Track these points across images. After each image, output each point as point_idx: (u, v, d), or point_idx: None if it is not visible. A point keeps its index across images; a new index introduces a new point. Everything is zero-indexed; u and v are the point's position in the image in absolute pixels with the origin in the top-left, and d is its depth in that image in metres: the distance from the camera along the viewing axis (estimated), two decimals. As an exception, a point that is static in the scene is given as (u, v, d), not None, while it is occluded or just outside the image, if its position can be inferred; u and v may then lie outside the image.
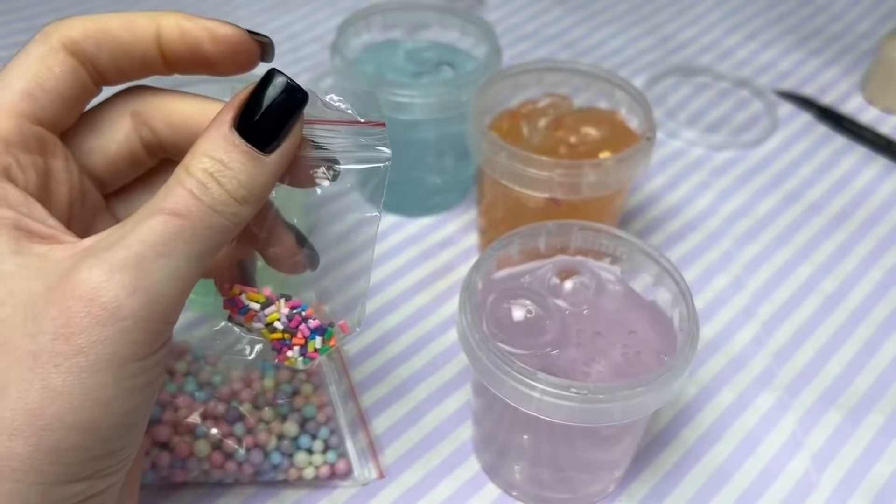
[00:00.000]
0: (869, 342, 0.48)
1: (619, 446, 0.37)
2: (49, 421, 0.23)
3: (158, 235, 0.25)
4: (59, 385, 0.23)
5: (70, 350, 0.23)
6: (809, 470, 0.42)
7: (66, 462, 0.24)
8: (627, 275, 0.39)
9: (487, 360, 0.34)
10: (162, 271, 0.24)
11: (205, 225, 0.25)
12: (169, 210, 0.25)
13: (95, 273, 0.24)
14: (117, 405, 0.24)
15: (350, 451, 0.40)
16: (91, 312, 0.23)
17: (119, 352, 0.24)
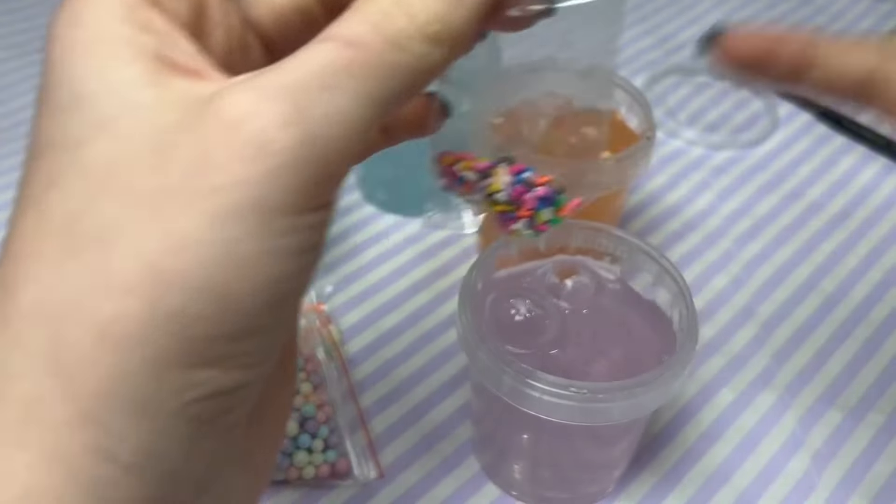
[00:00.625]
0: (869, 342, 0.48)
1: (618, 446, 0.37)
2: (171, 277, 0.18)
3: (324, 65, 0.19)
4: (188, 232, 0.18)
5: (205, 188, 0.18)
6: (809, 469, 0.42)
7: (190, 336, 0.18)
8: (627, 274, 0.39)
9: (487, 359, 0.34)
10: (325, 107, 0.19)
11: (383, 61, 0.20)
12: (341, 38, 0.20)
13: (241, 98, 0.19)
14: (260, 268, 0.18)
15: (349, 450, 0.40)
16: (232, 144, 0.18)
17: (266, 198, 0.18)
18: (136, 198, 0.18)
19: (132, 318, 0.18)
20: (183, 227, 0.18)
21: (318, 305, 0.45)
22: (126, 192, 0.18)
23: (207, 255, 0.18)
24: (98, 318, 0.18)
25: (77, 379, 0.18)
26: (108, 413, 0.18)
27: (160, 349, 0.18)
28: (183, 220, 0.18)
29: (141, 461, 0.18)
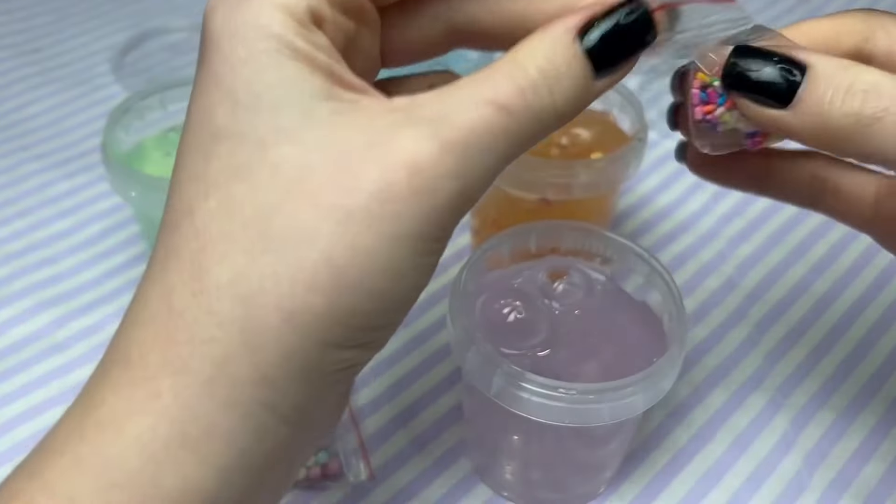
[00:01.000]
0: (861, 342, 0.48)
1: (609, 446, 0.37)
2: (351, 282, 0.22)
3: (486, 127, 0.23)
4: (368, 246, 0.22)
5: (386, 213, 0.22)
6: (801, 470, 0.42)
7: (353, 326, 0.23)
8: (618, 276, 0.39)
9: (477, 360, 0.34)
10: (482, 166, 0.23)
11: (525, 129, 0.24)
12: (499, 103, 0.23)
13: (425, 146, 0.22)
14: (409, 278, 0.24)
15: (341, 451, 0.40)
16: (412, 184, 0.22)
17: (425, 229, 0.23)
18: (327, 210, 0.22)
19: (315, 310, 0.22)
20: (366, 241, 0.22)
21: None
22: (316, 202, 0.22)
23: (379, 266, 0.23)
24: (287, 305, 0.22)
25: (262, 349, 0.22)
26: (282, 378, 0.23)
27: (330, 335, 0.23)
28: (367, 235, 0.22)
29: (294, 414, 0.24)
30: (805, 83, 0.26)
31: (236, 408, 0.23)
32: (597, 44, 0.24)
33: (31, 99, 0.63)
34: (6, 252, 0.51)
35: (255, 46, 0.23)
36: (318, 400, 0.25)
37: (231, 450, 0.23)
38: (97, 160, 0.57)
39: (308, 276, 0.22)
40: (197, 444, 0.23)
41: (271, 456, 0.24)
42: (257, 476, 0.24)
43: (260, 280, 0.22)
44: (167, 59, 0.66)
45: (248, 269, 0.22)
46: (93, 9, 0.73)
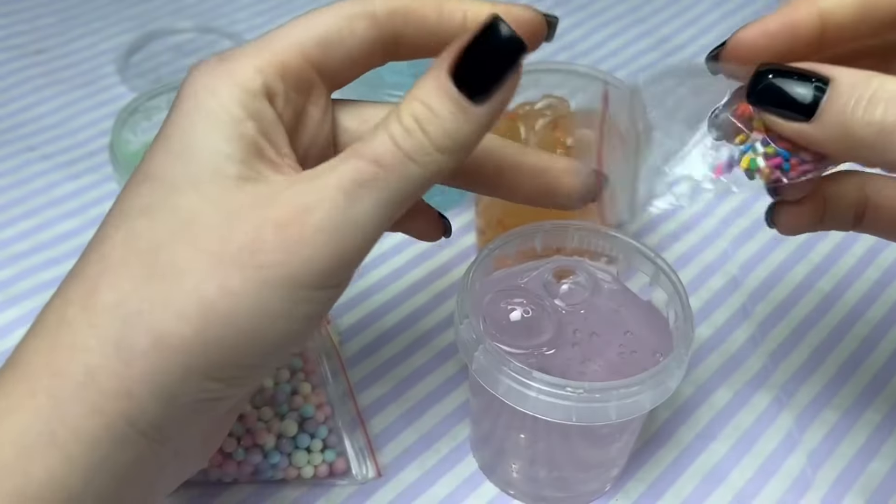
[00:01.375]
0: (865, 341, 0.48)
1: (615, 445, 0.38)
2: (218, 315, 0.25)
3: (356, 181, 0.26)
4: (236, 287, 0.25)
5: (253, 263, 0.25)
6: (805, 468, 0.42)
7: (220, 358, 0.26)
8: (623, 275, 0.40)
9: (484, 359, 0.34)
10: (355, 216, 0.26)
11: (399, 174, 0.26)
12: (367, 156, 0.26)
13: (294, 204, 0.26)
14: (280, 322, 0.26)
15: (348, 449, 0.40)
16: (280, 238, 0.25)
17: (296, 277, 0.25)
18: (204, 253, 0.25)
19: (183, 336, 0.25)
20: (233, 283, 0.25)
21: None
22: (198, 245, 0.25)
23: (246, 306, 0.25)
24: (159, 328, 0.25)
25: (130, 365, 0.25)
26: (145, 395, 0.25)
27: (195, 362, 0.25)
28: (235, 278, 0.25)
29: (153, 431, 0.26)
30: (827, 94, 0.27)
31: (101, 415, 0.25)
32: (463, 70, 0.26)
33: (37, 100, 0.63)
34: (12, 253, 0.51)
35: (199, 107, 0.27)
36: (179, 423, 0.27)
37: (94, 454, 0.25)
38: (103, 161, 0.58)
39: (179, 305, 0.25)
40: (64, 443, 0.25)
41: (132, 467, 0.26)
42: (119, 484, 0.26)
43: (139, 304, 0.25)
44: (172, 60, 0.67)
45: (132, 293, 0.25)
46: (98, 10, 0.73)
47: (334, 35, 0.29)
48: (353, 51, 0.29)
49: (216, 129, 0.27)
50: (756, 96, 0.28)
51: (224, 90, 0.27)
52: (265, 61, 0.28)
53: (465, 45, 0.26)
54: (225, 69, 0.27)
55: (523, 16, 0.29)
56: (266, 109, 0.28)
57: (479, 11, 0.29)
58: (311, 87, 0.29)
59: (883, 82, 0.26)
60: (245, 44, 0.29)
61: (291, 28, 0.29)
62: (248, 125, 0.27)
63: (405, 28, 0.29)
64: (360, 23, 0.29)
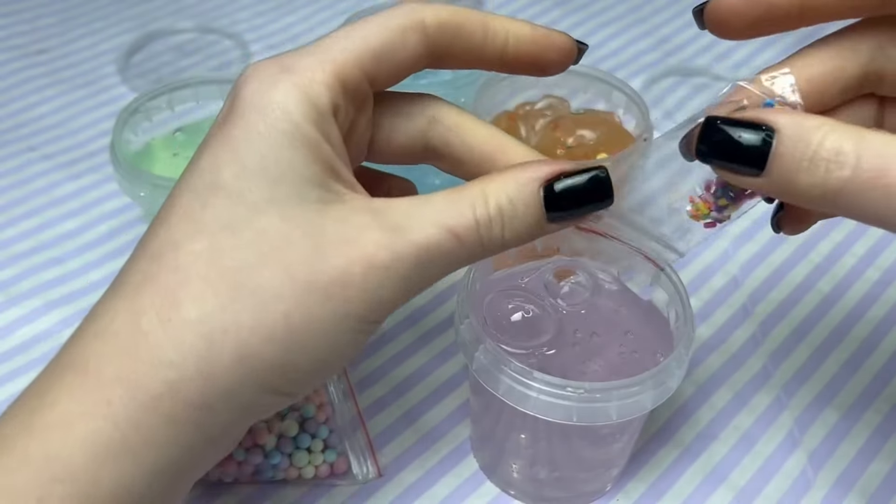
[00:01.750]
0: (866, 341, 0.48)
1: (615, 445, 0.38)
2: (300, 341, 0.27)
3: (437, 248, 0.28)
4: (321, 317, 0.27)
5: (340, 295, 0.27)
6: (806, 468, 0.42)
7: (291, 378, 0.28)
8: (624, 275, 0.40)
9: (485, 359, 0.34)
10: (425, 274, 0.28)
11: (470, 254, 0.29)
12: (454, 231, 0.28)
13: (382, 253, 0.27)
14: (343, 348, 0.28)
15: (349, 450, 0.40)
16: (365, 279, 0.27)
17: (367, 313, 0.28)
18: (295, 281, 0.27)
19: (265, 359, 0.27)
20: (319, 314, 0.27)
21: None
22: (288, 271, 0.27)
23: (326, 335, 0.27)
24: (244, 349, 0.26)
25: (212, 381, 0.26)
26: (221, 409, 0.27)
27: (270, 381, 0.27)
28: (320, 310, 0.27)
29: (220, 438, 0.28)
30: (773, 148, 0.26)
31: (176, 424, 0.26)
32: (558, 194, 0.29)
33: (38, 100, 0.63)
34: (14, 252, 0.51)
35: (275, 126, 0.27)
36: (240, 429, 0.29)
37: (162, 459, 0.26)
38: (104, 161, 0.58)
39: (267, 330, 0.26)
40: (135, 449, 0.26)
41: (192, 467, 0.28)
42: (176, 482, 0.28)
43: (224, 323, 0.26)
44: (173, 60, 0.67)
45: (217, 311, 0.26)
46: (99, 10, 0.73)
47: (388, 47, 0.29)
48: (403, 62, 0.30)
49: (296, 151, 0.27)
50: (705, 151, 0.28)
51: (297, 109, 0.27)
52: (330, 76, 0.28)
53: (568, 172, 0.29)
54: (293, 83, 0.28)
55: (562, 43, 0.32)
56: (335, 129, 0.29)
57: (520, 34, 0.31)
58: (365, 100, 0.30)
59: (825, 136, 0.25)
60: (302, 50, 0.29)
61: (348, 39, 0.29)
62: (325, 148, 0.28)
63: (452, 41, 0.30)
64: (412, 35, 0.30)
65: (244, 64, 0.66)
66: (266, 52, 0.67)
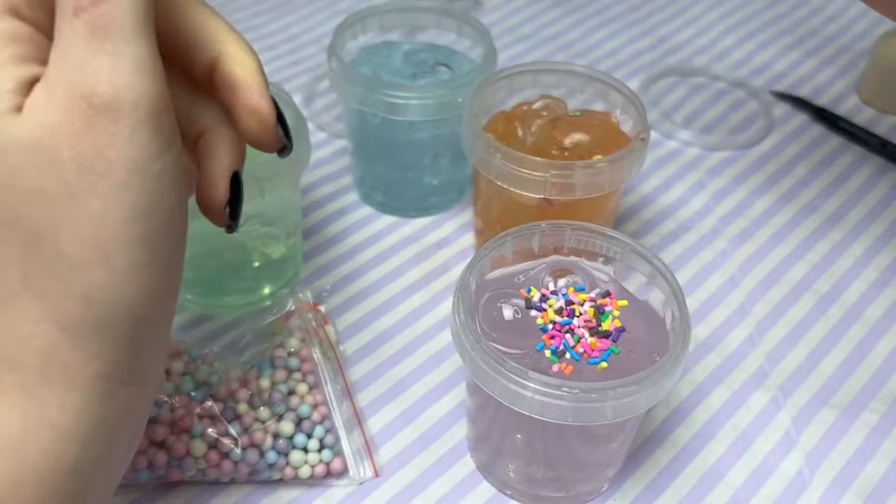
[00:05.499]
0: (863, 341, 0.48)
1: (611, 445, 0.38)
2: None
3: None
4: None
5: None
6: (803, 468, 0.42)
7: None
8: (620, 275, 0.40)
9: (481, 360, 0.34)
10: (123, 62, 0.25)
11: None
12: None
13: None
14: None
15: (345, 449, 0.40)
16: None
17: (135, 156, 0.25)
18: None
19: (99, 282, 0.26)
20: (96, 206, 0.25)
21: (315, 305, 0.45)
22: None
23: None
24: (79, 291, 0.26)
25: (77, 332, 0.26)
26: (106, 350, 0.26)
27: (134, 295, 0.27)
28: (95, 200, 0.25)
29: (128, 376, 0.28)
30: None
31: (78, 385, 0.26)
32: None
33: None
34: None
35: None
36: (148, 359, 0.28)
37: (86, 419, 0.26)
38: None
39: (82, 256, 0.25)
40: (53, 421, 0.26)
41: (121, 419, 0.28)
42: (114, 438, 0.28)
43: (43, 276, 0.25)
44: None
45: (28, 269, 0.26)
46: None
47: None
48: None
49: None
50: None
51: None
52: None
53: None
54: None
55: (265, 113, 0.29)
56: (16, 23, 0.26)
57: (237, 61, 0.29)
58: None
59: None
60: None
61: None
62: (7, 51, 0.25)
63: None
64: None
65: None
66: (265, 53, 0.67)
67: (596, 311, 0.37)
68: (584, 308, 0.37)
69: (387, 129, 0.50)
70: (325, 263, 0.51)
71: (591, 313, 0.36)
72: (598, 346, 0.35)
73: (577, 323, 0.36)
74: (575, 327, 0.36)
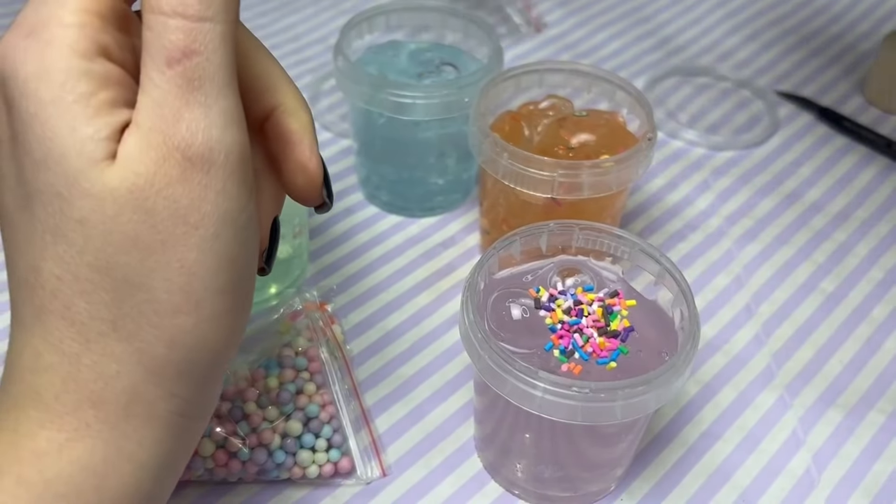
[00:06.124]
0: (869, 341, 0.48)
1: (620, 445, 0.38)
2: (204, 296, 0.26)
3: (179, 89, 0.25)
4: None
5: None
6: (810, 468, 0.42)
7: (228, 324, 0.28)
8: (628, 274, 0.40)
9: (489, 359, 0.34)
10: (214, 115, 0.25)
11: (214, 48, 0.25)
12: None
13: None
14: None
15: (353, 449, 0.40)
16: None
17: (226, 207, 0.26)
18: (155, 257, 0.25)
19: (185, 328, 0.27)
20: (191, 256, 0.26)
21: (322, 305, 0.45)
22: (129, 241, 0.25)
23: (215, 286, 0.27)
24: (165, 335, 0.26)
25: (161, 373, 0.27)
26: (183, 389, 0.28)
27: (211, 339, 0.28)
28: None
29: (199, 413, 0.29)
30: None
31: (156, 420, 0.27)
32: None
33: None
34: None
35: (43, 100, 0.24)
36: (212, 399, 0.30)
37: (160, 453, 0.28)
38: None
39: (172, 303, 0.26)
40: (132, 454, 0.27)
41: (187, 450, 0.29)
42: (177, 470, 0.29)
43: (131, 319, 0.26)
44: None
45: (117, 313, 0.26)
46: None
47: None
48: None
49: (69, 116, 0.24)
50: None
51: (56, 66, 0.24)
52: (80, 15, 0.25)
53: None
54: (44, 42, 0.25)
55: (313, 170, 0.30)
56: (108, 66, 0.25)
57: (293, 115, 0.30)
58: (128, 20, 0.27)
59: None
60: (33, 3, 0.25)
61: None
62: (101, 95, 0.25)
63: None
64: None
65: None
66: (269, 52, 0.67)
67: (604, 311, 0.37)
68: (592, 308, 0.37)
69: (393, 129, 0.50)
70: (331, 263, 0.51)
71: (600, 313, 0.36)
72: (607, 346, 0.35)
73: (585, 323, 0.36)
74: (583, 327, 0.36)
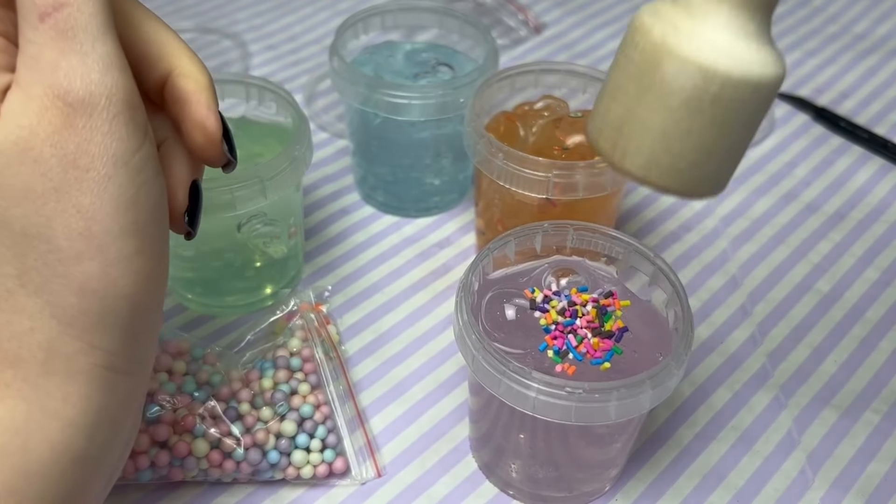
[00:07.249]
0: (864, 341, 0.48)
1: (614, 445, 0.38)
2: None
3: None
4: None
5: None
6: (805, 469, 0.42)
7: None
8: (623, 275, 0.40)
9: (483, 359, 0.34)
10: (91, 61, 0.25)
11: None
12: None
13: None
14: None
15: (348, 449, 0.40)
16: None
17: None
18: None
19: (92, 273, 0.27)
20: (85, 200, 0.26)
21: (317, 306, 0.45)
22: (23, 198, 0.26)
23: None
24: (77, 284, 0.26)
25: (77, 324, 0.27)
26: (105, 339, 0.27)
27: (130, 283, 0.28)
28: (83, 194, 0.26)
29: (129, 365, 0.29)
30: None
31: (80, 375, 0.27)
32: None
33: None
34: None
35: None
36: (145, 349, 0.29)
37: (90, 410, 0.27)
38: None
39: (75, 249, 0.26)
40: (58, 412, 0.27)
41: (123, 407, 0.29)
42: (114, 429, 0.29)
43: (37, 272, 0.26)
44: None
45: (22, 268, 0.26)
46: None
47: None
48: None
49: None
50: None
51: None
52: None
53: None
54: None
55: (211, 127, 0.30)
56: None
57: (189, 76, 0.29)
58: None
59: None
60: None
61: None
62: None
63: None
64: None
65: (243, 64, 0.66)
66: (265, 52, 0.67)
67: (599, 312, 0.37)
68: (586, 308, 0.37)
69: (388, 129, 0.50)
70: (326, 263, 0.51)
71: (594, 314, 0.36)
72: (601, 347, 0.35)
73: (579, 323, 0.36)
74: (578, 328, 0.36)
